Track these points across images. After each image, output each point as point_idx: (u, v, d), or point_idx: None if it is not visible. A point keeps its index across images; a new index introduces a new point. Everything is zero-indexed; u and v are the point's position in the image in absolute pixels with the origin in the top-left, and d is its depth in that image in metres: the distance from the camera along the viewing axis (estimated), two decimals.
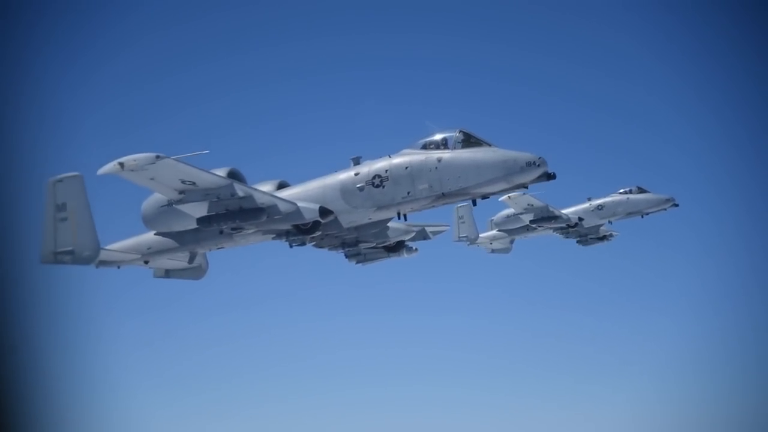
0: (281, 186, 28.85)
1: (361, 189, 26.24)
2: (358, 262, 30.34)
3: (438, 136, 25.96)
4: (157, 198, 26.89)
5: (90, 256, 27.86)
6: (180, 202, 25.87)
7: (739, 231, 69.46)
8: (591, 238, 57.15)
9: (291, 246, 27.92)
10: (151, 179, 24.56)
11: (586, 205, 55.75)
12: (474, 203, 25.48)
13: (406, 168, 25.75)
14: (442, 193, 25.33)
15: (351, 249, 29.74)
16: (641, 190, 55.49)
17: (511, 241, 57.76)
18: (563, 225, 55.37)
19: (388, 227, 28.14)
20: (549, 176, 24.66)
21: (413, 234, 29.79)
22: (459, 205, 60.68)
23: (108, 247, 29.42)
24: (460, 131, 25.75)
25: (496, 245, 57.70)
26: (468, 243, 56.78)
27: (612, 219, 55.80)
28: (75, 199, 27.87)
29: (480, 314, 72.57)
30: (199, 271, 30.60)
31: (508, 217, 55.90)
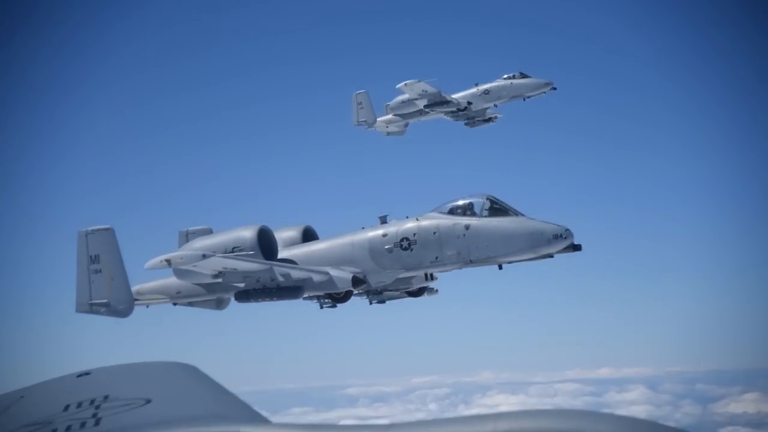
0: (306, 233, 26.48)
1: (389, 251, 24.49)
2: (378, 303, 28.79)
3: (465, 201, 24.32)
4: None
5: (125, 310, 25.46)
6: (218, 278, 23.85)
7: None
8: (478, 120, 57.33)
9: (321, 307, 26.17)
10: (194, 266, 22.86)
11: (474, 90, 55.80)
12: (500, 267, 24.48)
13: (434, 233, 24.14)
14: (470, 260, 24.13)
15: (375, 296, 28.13)
16: (523, 75, 55.61)
17: (406, 125, 57.42)
18: (454, 109, 55.46)
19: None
20: (575, 247, 23.97)
21: (437, 279, 28.27)
22: (357, 92, 59.17)
23: (137, 288, 26.72)
24: (487, 198, 24.21)
25: (391, 128, 57.36)
26: (366, 127, 57.35)
27: (497, 102, 56.01)
28: (108, 252, 25.15)
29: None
30: (222, 303, 28.28)
31: (402, 102, 55.61)
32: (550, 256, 24.09)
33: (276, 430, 5.77)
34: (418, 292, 27.89)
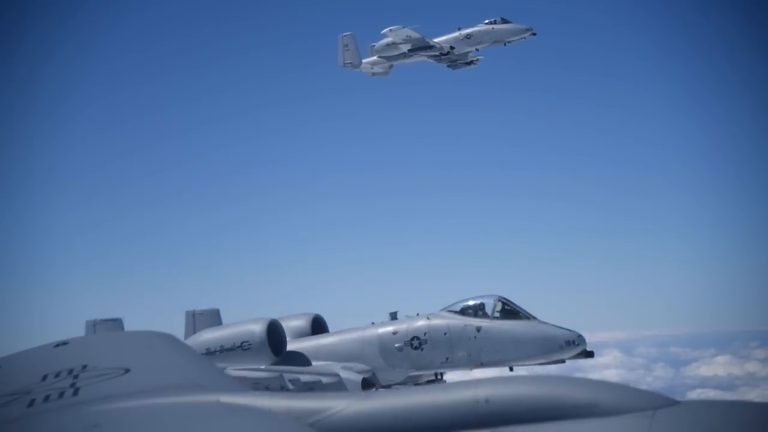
0: (315, 322, 25.22)
1: (399, 349, 23.75)
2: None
3: (476, 302, 23.46)
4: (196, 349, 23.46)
5: None
6: None
7: None
8: (460, 63, 55.74)
9: None
10: None
11: (457, 34, 54.79)
12: (511, 369, 24.04)
13: (445, 333, 23.38)
14: (481, 363, 23.63)
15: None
16: (504, 21, 54.54)
17: (390, 66, 55.90)
18: (437, 53, 54.32)
19: None
20: (587, 354, 23.56)
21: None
22: (343, 34, 56.26)
23: None
24: (499, 299, 23.38)
25: (376, 69, 56.02)
26: (352, 68, 56.33)
27: (479, 47, 54.85)
28: None
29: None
30: None
31: (387, 45, 54.26)
32: (562, 361, 23.73)
33: (254, 398, 5.80)
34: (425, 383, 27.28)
